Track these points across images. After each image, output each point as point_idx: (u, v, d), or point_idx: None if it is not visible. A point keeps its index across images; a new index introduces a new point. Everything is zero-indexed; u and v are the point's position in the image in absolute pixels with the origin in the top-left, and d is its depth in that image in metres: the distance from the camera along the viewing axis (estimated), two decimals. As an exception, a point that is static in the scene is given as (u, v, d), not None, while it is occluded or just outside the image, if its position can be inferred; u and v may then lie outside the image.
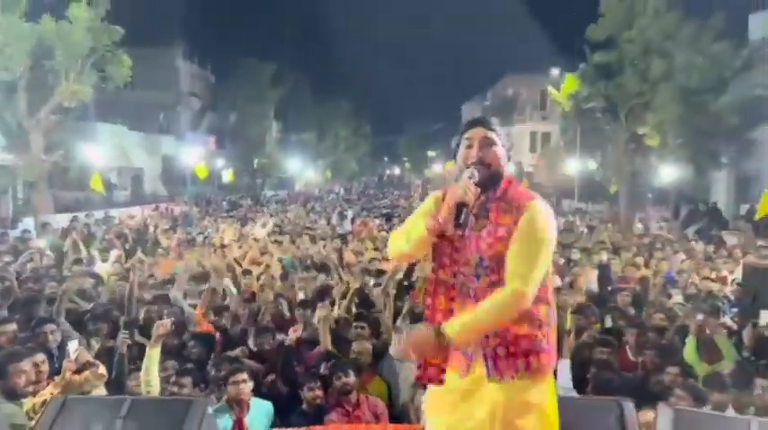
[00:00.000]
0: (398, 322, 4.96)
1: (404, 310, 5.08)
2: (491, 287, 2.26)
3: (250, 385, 4.12)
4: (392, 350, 3.62)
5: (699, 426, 2.74)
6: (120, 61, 16.64)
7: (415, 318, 5.15)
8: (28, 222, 15.71)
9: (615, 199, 23.61)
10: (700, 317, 5.22)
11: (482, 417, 2.24)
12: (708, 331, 5.09)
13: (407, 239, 2.42)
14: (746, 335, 5.14)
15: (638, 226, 19.46)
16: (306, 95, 46.65)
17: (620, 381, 4.22)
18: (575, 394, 3.95)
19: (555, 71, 30.85)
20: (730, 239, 16.01)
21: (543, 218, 2.27)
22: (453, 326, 2.17)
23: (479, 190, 2.32)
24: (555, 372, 4.59)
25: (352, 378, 4.26)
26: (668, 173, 20.75)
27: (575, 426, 2.89)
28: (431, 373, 2.37)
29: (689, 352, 4.96)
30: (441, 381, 2.35)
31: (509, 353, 2.23)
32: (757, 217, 14.41)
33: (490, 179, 2.34)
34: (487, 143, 2.37)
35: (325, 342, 4.94)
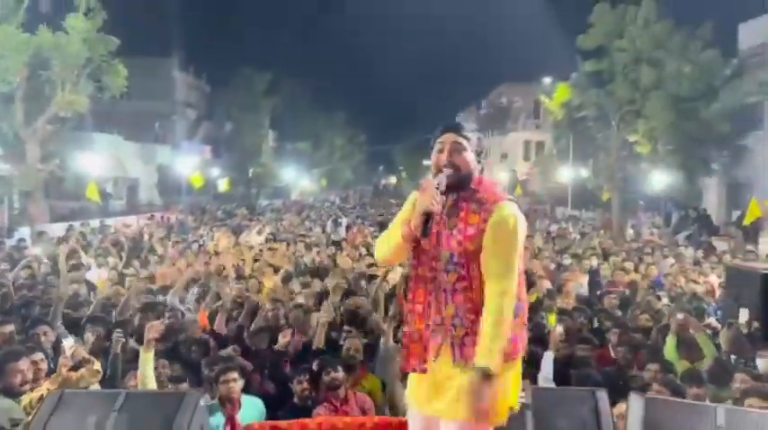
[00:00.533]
0: (385, 326, 5.08)
1: (390, 313, 5.20)
2: (458, 281, 2.45)
3: (240, 383, 4.23)
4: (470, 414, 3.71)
5: (667, 413, 2.88)
6: (115, 71, 16.81)
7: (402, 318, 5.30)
8: (24, 231, 15.80)
9: (608, 206, 23.83)
10: (680, 316, 5.37)
11: (450, 399, 2.40)
12: (690, 330, 5.24)
13: (388, 245, 2.62)
14: (722, 334, 5.29)
15: (630, 232, 19.65)
16: (301, 104, 46.86)
17: (599, 377, 4.36)
18: (553, 385, 4.09)
19: (547, 80, 31.12)
20: (720, 245, 16.21)
21: (512, 219, 2.43)
22: (488, 360, 2.29)
23: (446, 196, 2.50)
24: (539, 364, 4.74)
25: (340, 373, 4.38)
26: (659, 179, 20.98)
27: (551, 415, 3.04)
28: (414, 364, 2.54)
29: (669, 349, 5.11)
30: (423, 370, 2.51)
31: (473, 341, 2.38)
32: (745, 223, 14.61)
33: (459, 181, 2.50)
34: (457, 148, 2.52)
35: (319, 342, 5.09)
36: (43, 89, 16.13)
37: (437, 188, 2.44)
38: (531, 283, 8.00)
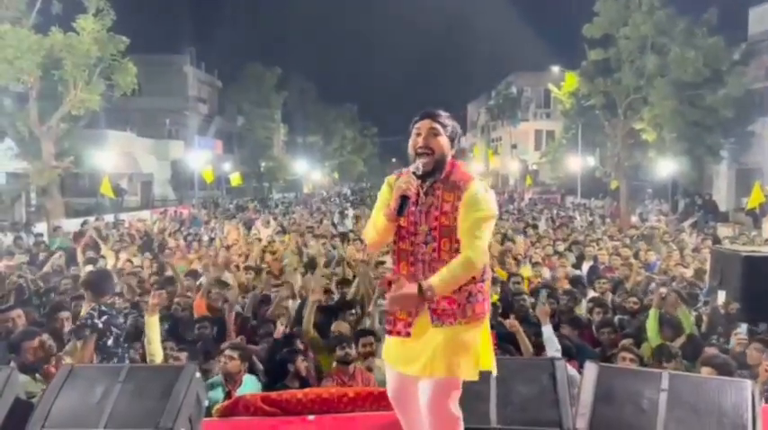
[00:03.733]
0: (371, 307, 5.38)
1: (374, 295, 5.49)
2: (434, 252, 2.76)
3: (237, 363, 4.55)
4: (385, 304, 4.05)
5: (617, 379, 3.16)
6: (125, 70, 17.19)
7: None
8: (40, 227, 16.29)
9: (616, 194, 23.92)
10: (663, 290, 5.58)
11: (427, 356, 2.68)
12: (670, 305, 5.46)
13: (375, 229, 2.92)
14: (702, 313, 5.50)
15: (635, 219, 19.75)
16: (311, 98, 47.16)
17: (579, 350, 4.64)
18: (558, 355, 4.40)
19: (556, 69, 31.10)
20: (725, 231, 16.29)
21: (481, 196, 2.72)
22: (430, 285, 2.61)
23: (424, 180, 2.78)
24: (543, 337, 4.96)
25: (353, 350, 4.72)
26: (666, 167, 21.01)
27: (512, 382, 3.32)
28: (399, 327, 2.82)
29: (650, 322, 5.30)
30: (408, 334, 2.79)
31: (448, 304, 2.69)
32: (748, 207, 14.70)
33: (435, 164, 2.77)
34: (433, 133, 2.78)
35: (308, 323, 5.40)
36: (56, 88, 16.57)
37: (414, 173, 2.75)
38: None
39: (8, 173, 20.69)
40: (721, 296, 5.67)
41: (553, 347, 4.81)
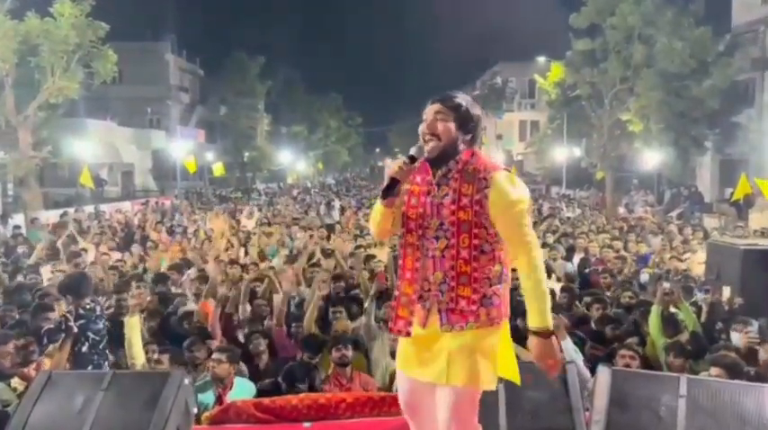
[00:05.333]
0: (366, 304, 5.19)
1: (372, 291, 5.29)
2: (447, 249, 2.53)
3: (226, 366, 4.32)
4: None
5: (632, 384, 3.00)
6: (105, 57, 16.70)
7: (382, 298, 5.42)
8: (18, 218, 15.86)
9: (602, 185, 23.94)
10: (666, 285, 5.43)
11: (441, 365, 2.49)
12: (673, 302, 5.31)
13: (375, 219, 2.71)
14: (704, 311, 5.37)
15: (622, 210, 19.77)
16: (296, 87, 46.63)
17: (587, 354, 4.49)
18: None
19: (541, 59, 31.00)
20: (712, 222, 16.34)
21: (511, 187, 2.48)
22: (539, 321, 2.51)
23: (434, 166, 2.57)
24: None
25: (350, 352, 4.51)
26: (652, 158, 21.03)
27: (522, 386, 3.14)
28: (400, 326, 2.62)
29: (653, 320, 5.14)
30: (408, 334, 2.61)
31: (457, 308, 2.50)
32: (734, 199, 14.72)
33: (442, 150, 2.54)
34: (439, 117, 2.55)
35: (310, 322, 5.19)
36: (33, 76, 16.03)
37: (411, 156, 2.52)
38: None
39: (-18, 163, 20.11)
40: (726, 292, 5.55)
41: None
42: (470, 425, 2.54)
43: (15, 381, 3.72)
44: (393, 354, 4.42)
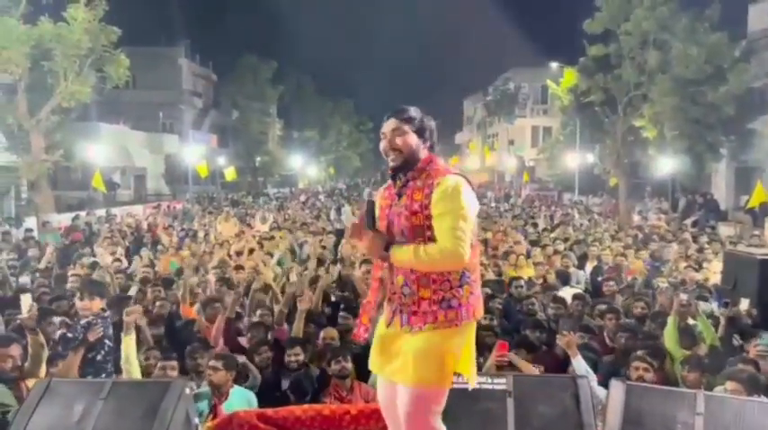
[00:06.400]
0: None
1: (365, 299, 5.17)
2: None
3: (222, 373, 4.23)
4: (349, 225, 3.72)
5: (647, 399, 2.88)
6: (118, 61, 16.80)
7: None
8: (30, 221, 15.94)
9: (615, 192, 23.70)
10: (683, 296, 5.28)
11: (400, 364, 2.60)
12: (690, 314, 5.16)
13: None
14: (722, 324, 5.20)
15: (636, 217, 19.53)
16: (307, 92, 46.74)
17: (596, 362, 4.37)
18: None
19: (554, 65, 30.81)
20: (727, 230, 16.08)
21: (452, 188, 2.53)
22: (396, 249, 2.58)
23: (396, 178, 2.68)
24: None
25: (349, 364, 4.41)
26: (666, 164, 20.79)
27: (532, 401, 3.04)
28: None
29: (669, 332, 5.00)
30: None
31: (420, 310, 2.58)
32: (749, 206, 14.48)
33: (404, 162, 2.64)
34: (398, 133, 2.64)
35: (298, 330, 5.11)
36: (46, 80, 16.17)
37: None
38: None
39: (-3, 166, 20.28)
40: (744, 304, 5.39)
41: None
42: (426, 425, 2.58)
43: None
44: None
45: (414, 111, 2.70)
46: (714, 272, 8.45)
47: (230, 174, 29.06)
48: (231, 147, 40.02)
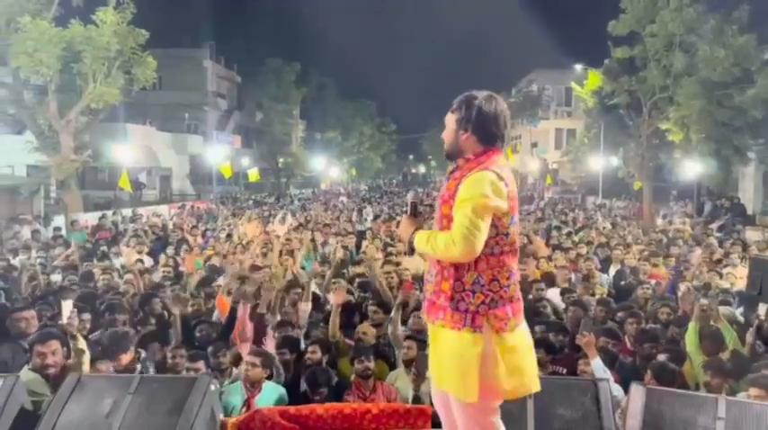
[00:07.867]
0: (392, 313, 5.14)
1: (397, 301, 5.21)
2: None
3: (259, 370, 4.33)
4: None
5: (668, 404, 2.88)
6: (145, 63, 17.11)
7: (409, 308, 5.37)
8: (59, 220, 16.28)
9: (639, 195, 23.44)
10: (704, 301, 5.23)
11: (435, 366, 2.64)
12: (711, 318, 5.10)
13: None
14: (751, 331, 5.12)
15: (660, 221, 19.29)
16: (330, 94, 47.00)
17: (618, 366, 4.36)
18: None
19: (578, 67, 30.59)
20: (754, 235, 15.80)
21: (472, 183, 2.50)
22: (418, 234, 2.62)
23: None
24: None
25: (372, 363, 4.46)
26: (692, 168, 20.50)
27: (552, 404, 3.06)
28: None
29: (690, 337, 4.95)
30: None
31: (436, 301, 2.61)
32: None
33: (447, 152, 2.72)
34: (447, 124, 2.71)
35: (335, 326, 5.16)
36: (75, 81, 16.54)
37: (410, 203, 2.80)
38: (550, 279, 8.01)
39: (27, 166, 20.74)
40: (762, 309, 5.32)
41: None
42: (479, 426, 2.58)
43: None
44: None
45: (458, 101, 2.69)
46: (740, 277, 8.33)
47: (253, 175, 29.33)
48: (255, 148, 40.42)
